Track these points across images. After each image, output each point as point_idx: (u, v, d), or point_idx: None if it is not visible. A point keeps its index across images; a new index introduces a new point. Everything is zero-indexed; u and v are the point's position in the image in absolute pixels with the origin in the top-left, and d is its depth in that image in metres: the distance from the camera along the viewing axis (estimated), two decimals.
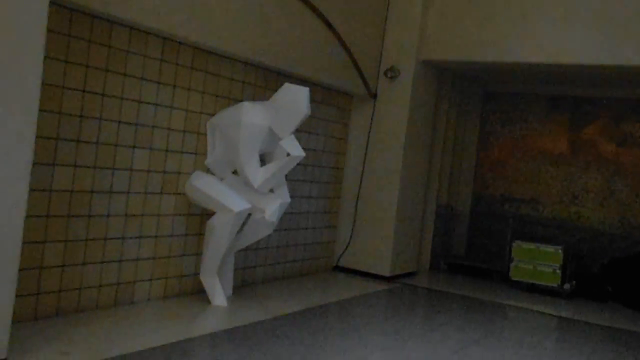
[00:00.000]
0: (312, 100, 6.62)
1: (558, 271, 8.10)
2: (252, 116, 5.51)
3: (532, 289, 8.23)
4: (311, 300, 6.29)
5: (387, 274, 7.85)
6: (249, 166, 5.54)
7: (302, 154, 5.68)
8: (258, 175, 5.58)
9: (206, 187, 5.50)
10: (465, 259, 9.34)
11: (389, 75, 7.84)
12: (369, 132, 7.94)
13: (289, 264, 7.21)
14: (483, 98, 9.66)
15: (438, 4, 7.85)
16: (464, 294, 7.70)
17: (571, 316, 7.21)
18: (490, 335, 5.91)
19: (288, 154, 5.66)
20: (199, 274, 5.77)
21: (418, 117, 8.06)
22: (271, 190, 5.78)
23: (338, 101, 7.74)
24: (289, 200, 5.92)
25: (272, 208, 5.68)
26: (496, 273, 8.81)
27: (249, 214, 5.68)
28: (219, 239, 5.42)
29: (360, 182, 7.96)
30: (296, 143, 5.69)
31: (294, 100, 5.54)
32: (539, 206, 9.22)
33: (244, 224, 5.70)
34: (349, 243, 8.00)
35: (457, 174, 9.56)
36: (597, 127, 8.91)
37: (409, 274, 8.35)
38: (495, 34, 7.48)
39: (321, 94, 7.30)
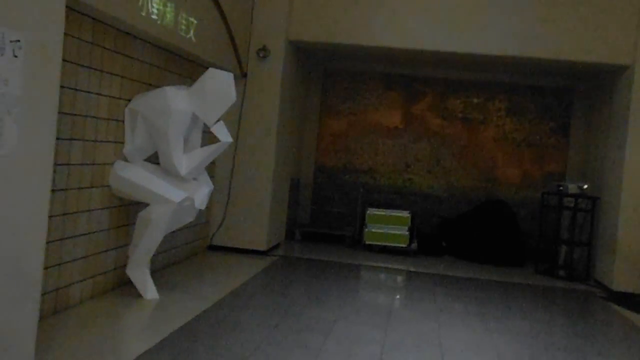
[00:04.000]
0: (190, 78, 6.59)
1: (406, 233, 9.15)
2: (179, 103, 5.35)
3: (384, 250, 9.18)
4: (230, 282, 6.36)
5: (264, 248, 8.13)
6: (176, 154, 5.38)
7: (231, 140, 5.69)
8: (183, 162, 5.45)
9: (137, 178, 5.24)
10: (315, 226, 9.95)
11: (261, 55, 7.98)
12: (241, 111, 8.02)
13: (175, 249, 7.05)
14: (324, 75, 10.24)
15: None
16: (335, 260, 8.32)
17: (418, 270, 8.30)
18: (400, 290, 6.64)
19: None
20: (120, 268, 5.51)
21: (287, 95, 8.37)
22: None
23: None
24: (212, 186, 5.88)
25: (201, 196, 5.61)
26: (348, 238, 9.60)
27: None
28: (155, 231, 5.23)
29: (234, 160, 8.04)
30: (225, 130, 5.66)
31: (221, 86, 5.49)
32: (376, 175, 10.18)
33: None
34: (222, 221, 8.07)
35: (301, 147, 10.07)
36: (426, 103, 10.09)
37: (276, 246, 8.71)
38: (359, 18, 8.05)
39: (194, 71, 7.07)
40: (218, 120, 5.59)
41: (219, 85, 5.47)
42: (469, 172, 9.99)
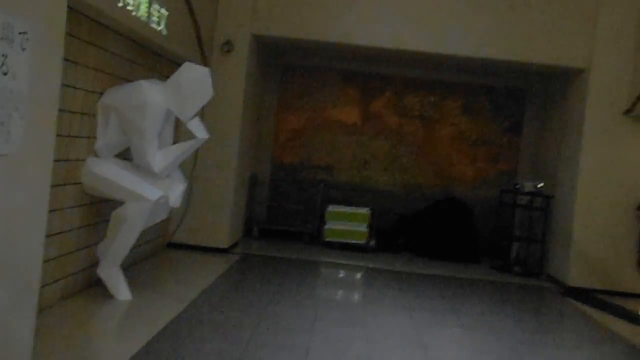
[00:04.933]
0: (156, 71, 6.43)
1: (366, 230, 9.21)
2: (155, 98, 5.18)
3: (344, 247, 9.20)
4: (199, 281, 6.22)
5: (225, 245, 8.00)
6: (150, 150, 5.21)
7: (208, 136, 5.56)
8: (157, 159, 5.29)
9: (112, 175, 5.04)
10: (273, 223, 9.86)
11: (225, 49, 7.83)
12: (204, 106, 7.83)
13: (137, 248, 6.81)
14: (281, 70, 10.14)
15: None
16: (298, 257, 8.28)
17: (378, 266, 8.38)
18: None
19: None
20: (89, 268, 5.31)
21: (250, 91, 8.25)
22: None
23: (171, 70, 7.41)
24: (186, 184, 5.74)
25: (176, 193, 5.47)
26: (307, 235, 9.58)
27: None
28: (130, 230, 5.06)
29: (196, 156, 7.85)
30: (201, 125, 5.53)
31: (198, 81, 5.35)
32: (334, 172, 10.18)
33: None
34: (182, 218, 7.89)
35: (258, 143, 9.96)
36: (383, 100, 10.16)
37: (235, 244, 8.59)
38: (325, 14, 8.02)
39: (161, 64, 6.84)
40: (194, 116, 5.45)
41: (195, 80, 5.34)
42: (426, 170, 10.15)
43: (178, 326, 4.70)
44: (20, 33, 2.62)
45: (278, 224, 9.83)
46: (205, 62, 7.64)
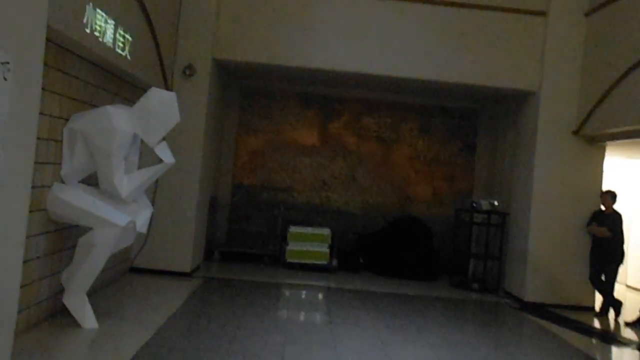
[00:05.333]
0: (120, 95, 6.43)
1: (327, 250, 9.29)
2: (122, 123, 5.17)
3: (306, 268, 9.25)
4: (165, 307, 6.16)
5: (188, 270, 7.95)
6: (117, 175, 5.19)
7: (174, 161, 5.55)
8: (124, 184, 5.26)
9: (79, 201, 4.98)
10: (234, 245, 9.84)
11: (187, 73, 7.84)
12: None
13: (100, 273, 6.73)
14: (241, 92, 10.20)
15: (230, 7, 8.13)
16: (262, 280, 8.29)
17: (341, 286, 8.46)
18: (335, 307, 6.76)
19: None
20: (54, 296, 5.21)
21: (212, 114, 8.27)
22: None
23: (133, 95, 7.41)
24: (152, 209, 5.71)
25: (144, 218, 5.45)
26: (267, 257, 9.60)
27: None
28: (98, 257, 5.01)
29: (157, 180, 7.80)
30: (168, 150, 5.52)
31: (164, 106, 5.36)
32: (294, 193, 10.25)
33: None
34: (144, 243, 7.81)
35: (218, 165, 9.95)
36: (342, 122, 10.32)
37: (197, 267, 8.53)
38: (285, 39, 8.14)
39: (124, 88, 6.85)
40: (161, 141, 5.45)
41: (162, 105, 5.35)
42: (384, 190, 10.32)
43: (147, 354, 4.66)
44: (2, 63, 2.62)
45: (239, 246, 9.81)
46: (167, 86, 7.65)
